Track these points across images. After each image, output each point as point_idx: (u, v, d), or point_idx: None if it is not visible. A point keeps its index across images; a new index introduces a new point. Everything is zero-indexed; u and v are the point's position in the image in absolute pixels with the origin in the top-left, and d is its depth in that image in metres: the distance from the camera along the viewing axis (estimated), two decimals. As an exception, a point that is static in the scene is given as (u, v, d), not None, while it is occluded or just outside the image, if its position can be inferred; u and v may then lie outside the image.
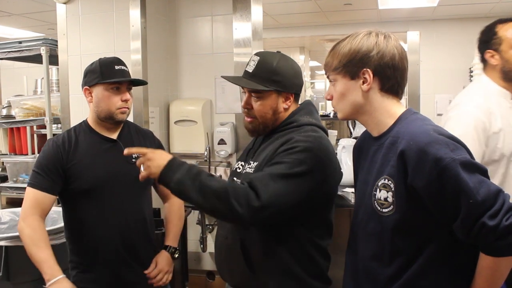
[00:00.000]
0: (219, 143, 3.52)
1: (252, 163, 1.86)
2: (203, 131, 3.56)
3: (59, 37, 3.55)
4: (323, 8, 5.60)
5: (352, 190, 2.04)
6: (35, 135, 4.71)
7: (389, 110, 1.54)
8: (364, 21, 6.33)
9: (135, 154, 2.13)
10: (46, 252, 2.01)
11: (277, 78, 1.82)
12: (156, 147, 2.29)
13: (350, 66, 1.51)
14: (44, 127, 3.99)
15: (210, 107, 3.67)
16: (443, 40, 6.20)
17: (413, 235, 1.44)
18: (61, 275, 1.98)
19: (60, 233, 2.60)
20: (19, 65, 5.59)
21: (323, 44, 8.25)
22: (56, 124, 3.90)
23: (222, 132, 3.52)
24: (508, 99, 2.13)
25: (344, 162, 2.81)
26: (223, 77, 1.95)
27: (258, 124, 1.88)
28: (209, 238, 3.62)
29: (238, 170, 1.94)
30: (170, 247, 2.28)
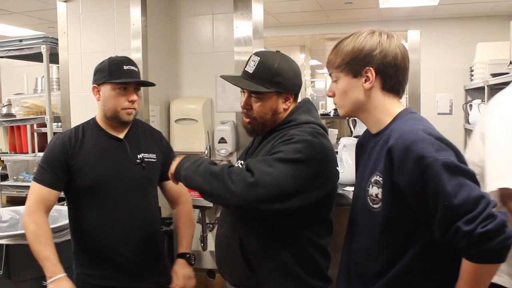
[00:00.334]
0: (220, 142, 3.51)
1: None
2: (204, 130, 3.56)
3: (60, 36, 3.55)
4: (324, 7, 5.60)
5: (353, 189, 2.05)
6: (36, 134, 4.72)
7: (389, 109, 1.56)
8: (365, 20, 6.32)
9: (140, 155, 2.17)
10: (49, 249, 2.03)
11: (278, 79, 1.81)
12: (164, 148, 2.31)
13: (353, 64, 1.53)
14: (45, 126, 3.99)
15: (211, 106, 3.67)
16: (444, 39, 6.20)
17: (399, 233, 1.46)
18: (63, 274, 2.00)
19: (61, 232, 2.60)
20: (20, 64, 5.60)
21: (324, 43, 8.24)
22: (57, 123, 3.90)
23: (223, 131, 3.52)
24: None
25: (345, 161, 2.81)
26: (222, 77, 1.93)
27: (257, 125, 1.87)
28: (210, 237, 3.62)
29: None
30: (186, 254, 2.28)
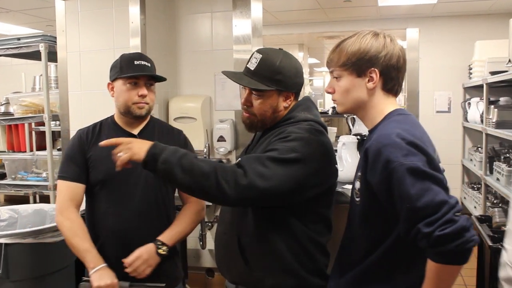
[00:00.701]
0: (219, 140, 3.51)
1: None
2: (203, 128, 3.56)
3: (58, 34, 3.53)
4: (323, 5, 5.60)
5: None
6: (34, 132, 4.71)
7: (382, 109, 1.62)
8: (364, 18, 6.33)
9: None
10: (88, 242, 2.08)
11: (279, 78, 1.81)
12: (181, 146, 2.25)
13: (359, 64, 1.59)
14: (43, 124, 3.98)
15: (210, 104, 3.67)
16: (443, 37, 6.21)
17: (374, 226, 1.57)
18: (104, 264, 2.04)
19: (59, 231, 2.59)
20: (17, 62, 5.59)
21: (322, 41, 8.24)
22: (55, 121, 3.90)
23: (222, 129, 3.51)
24: None
25: (344, 159, 2.80)
26: (223, 73, 1.91)
27: (257, 121, 1.87)
28: (209, 235, 3.62)
29: None
30: (158, 241, 2.11)
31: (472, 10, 5.88)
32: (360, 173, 1.58)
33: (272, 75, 1.80)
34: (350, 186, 2.53)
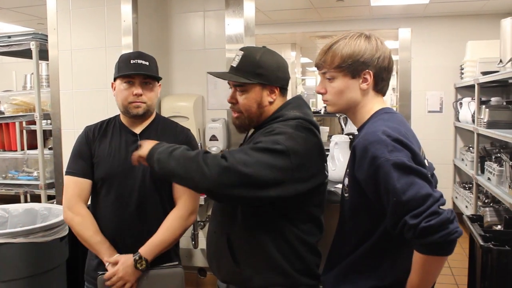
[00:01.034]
0: (211, 139, 3.50)
1: None
2: (195, 127, 3.55)
3: (49, 32, 3.51)
4: (315, 5, 5.61)
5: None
6: (25, 131, 4.68)
7: (371, 108, 1.69)
8: (356, 18, 6.34)
9: None
10: (100, 235, 2.13)
11: (261, 71, 1.84)
12: (179, 142, 2.22)
13: (354, 66, 1.63)
14: (34, 123, 3.96)
15: (202, 103, 3.66)
16: (435, 37, 6.23)
17: (363, 220, 1.63)
18: (118, 254, 2.11)
19: (50, 230, 2.58)
20: (8, 60, 5.56)
21: (315, 41, 8.25)
22: (46, 120, 3.87)
23: (214, 128, 3.51)
24: None
25: (337, 158, 2.80)
26: (209, 73, 1.97)
27: (244, 119, 1.89)
28: (201, 235, 3.61)
29: None
30: (137, 254, 2.08)
31: (464, 11, 5.91)
32: (348, 170, 1.66)
33: (254, 69, 1.84)
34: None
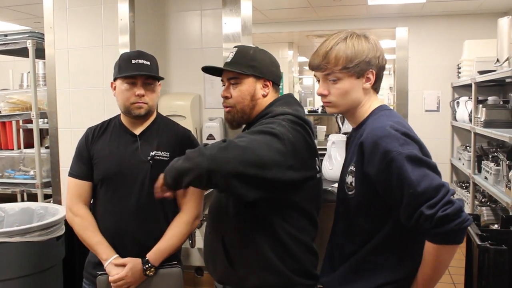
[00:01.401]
0: (208, 138, 3.50)
1: None
2: (192, 126, 3.54)
3: (46, 31, 3.50)
4: (312, 4, 5.60)
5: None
6: (21, 130, 4.67)
7: (369, 106, 1.72)
8: (353, 17, 6.34)
9: (152, 152, 2.16)
10: (99, 235, 2.14)
11: (254, 64, 1.88)
12: (180, 143, 2.22)
13: (360, 67, 1.65)
14: (31, 122, 3.96)
15: (199, 102, 3.65)
16: (432, 37, 6.24)
17: (370, 216, 1.64)
18: (116, 255, 2.11)
19: (47, 229, 2.58)
20: (5, 59, 5.53)
21: (312, 40, 8.24)
22: (43, 119, 3.86)
23: (211, 127, 3.50)
24: None
25: (334, 158, 2.80)
26: (204, 67, 1.98)
27: (236, 112, 1.90)
28: (198, 234, 3.61)
29: None
30: (147, 262, 2.10)
31: (461, 10, 5.92)
32: (354, 167, 1.64)
33: (248, 62, 1.88)
34: (340, 185, 2.54)
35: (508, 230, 2.39)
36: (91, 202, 2.26)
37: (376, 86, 1.73)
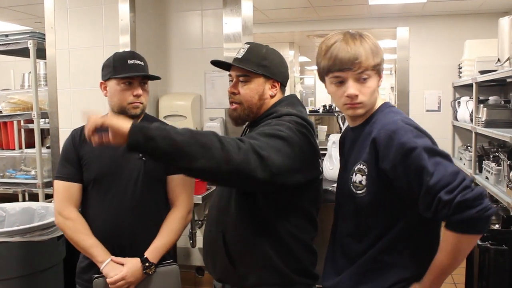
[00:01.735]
0: (209, 138, 3.50)
1: None
2: (193, 126, 3.55)
3: (47, 31, 3.51)
4: (313, 3, 5.60)
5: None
6: (23, 130, 4.67)
7: (377, 103, 1.70)
8: (354, 17, 6.34)
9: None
10: (92, 238, 2.11)
11: (266, 63, 1.87)
12: None
13: (381, 64, 1.66)
14: (32, 122, 3.95)
15: (200, 102, 3.66)
16: (433, 36, 6.22)
17: (382, 215, 1.61)
18: (111, 257, 2.09)
19: (47, 229, 2.58)
20: (6, 59, 5.53)
21: (313, 40, 8.25)
22: (44, 119, 3.86)
23: (212, 127, 3.50)
24: None
25: (335, 158, 2.80)
26: (213, 61, 1.96)
27: (243, 110, 1.88)
28: (198, 234, 3.61)
29: None
30: (147, 260, 2.11)
31: (462, 10, 5.91)
32: (365, 166, 1.61)
33: (259, 61, 1.86)
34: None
35: (509, 230, 2.38)
36: (81, 205, 2.22)
37: None
